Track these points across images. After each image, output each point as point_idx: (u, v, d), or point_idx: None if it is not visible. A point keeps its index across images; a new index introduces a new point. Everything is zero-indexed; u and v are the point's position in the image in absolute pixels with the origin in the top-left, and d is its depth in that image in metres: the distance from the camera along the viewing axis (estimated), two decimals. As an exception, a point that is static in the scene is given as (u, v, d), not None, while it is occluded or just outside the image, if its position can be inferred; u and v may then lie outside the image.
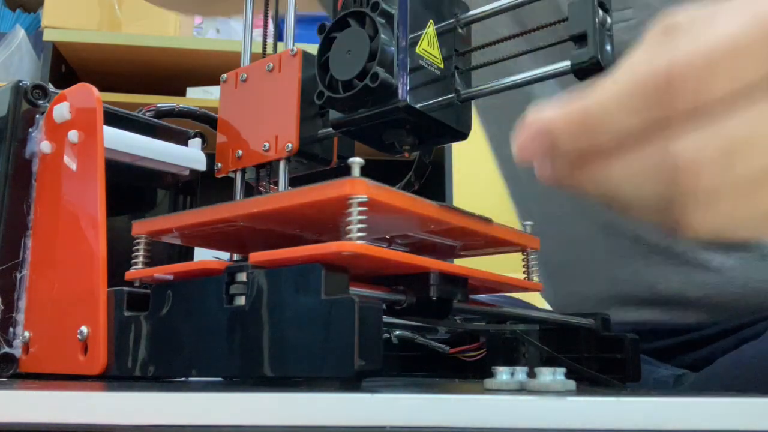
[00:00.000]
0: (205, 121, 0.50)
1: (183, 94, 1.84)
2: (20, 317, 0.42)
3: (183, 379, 0.36)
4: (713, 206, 0.25)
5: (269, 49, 0.44)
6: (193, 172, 0.49)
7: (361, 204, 0.29)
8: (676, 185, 0.25)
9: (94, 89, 0.42)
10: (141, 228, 0.38)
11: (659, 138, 0.26)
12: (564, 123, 0.27)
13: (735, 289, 0.59)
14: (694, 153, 0.25)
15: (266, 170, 0.42)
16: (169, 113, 0.50)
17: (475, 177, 1.69)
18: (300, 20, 0.43)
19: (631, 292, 0.63)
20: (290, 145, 0.40)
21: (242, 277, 0.32)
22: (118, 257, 0.39)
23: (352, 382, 0.28)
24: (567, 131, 0.27)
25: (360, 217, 0.29)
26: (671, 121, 0.25)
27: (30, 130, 0.44)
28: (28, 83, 0.45)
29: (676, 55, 0.25)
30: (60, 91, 0.44)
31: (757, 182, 0.25)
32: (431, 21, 0.38)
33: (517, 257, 0.42)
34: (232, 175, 0.43)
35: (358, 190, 0.29)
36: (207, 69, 1.81)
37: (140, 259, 0.37)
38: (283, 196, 0.32)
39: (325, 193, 0.30)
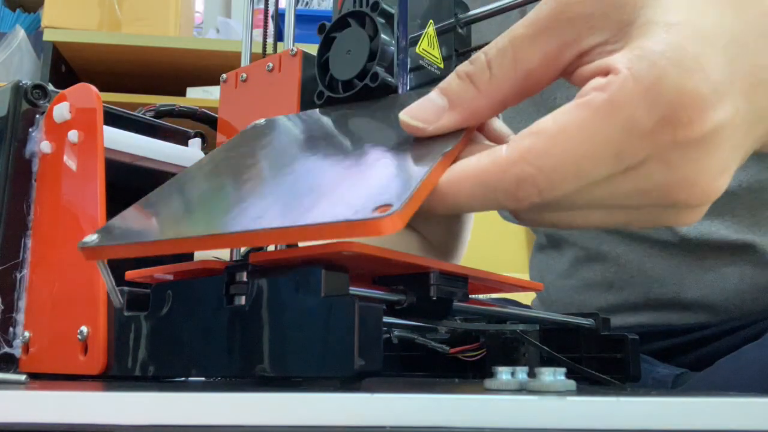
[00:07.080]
0: (205, 121, 0.50)
1: (183, 94, 1.85)
2: (20, 317, 0.42)
3: (183, 379, 0.36)
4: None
5: (269, 49, 0.44)
6: (193, 172, 0.49)
7: None
8: None
9: (94, 89, 0.42)
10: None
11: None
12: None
13: (732, 290, 0.59)
14: None
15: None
16: (169, 113, 0.50)
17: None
18: (300, 20, 0.43)
19: (627, 298, 0.63)
20: (290, 145, 0.40)
21: (242, 276, 0.32)
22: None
23: (352, 382, 0.28)
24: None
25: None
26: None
27: (30, 130, 0.44)
28: (28, 83, 0.45)
29: (524, 156, 0.28)
30: (60, 91, 0.44)
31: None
32: (431, 21, 0.38)
33: (517, 257, 0.42)
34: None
35: None
36: (207, 69, 1.81)
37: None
38: None
39: None
